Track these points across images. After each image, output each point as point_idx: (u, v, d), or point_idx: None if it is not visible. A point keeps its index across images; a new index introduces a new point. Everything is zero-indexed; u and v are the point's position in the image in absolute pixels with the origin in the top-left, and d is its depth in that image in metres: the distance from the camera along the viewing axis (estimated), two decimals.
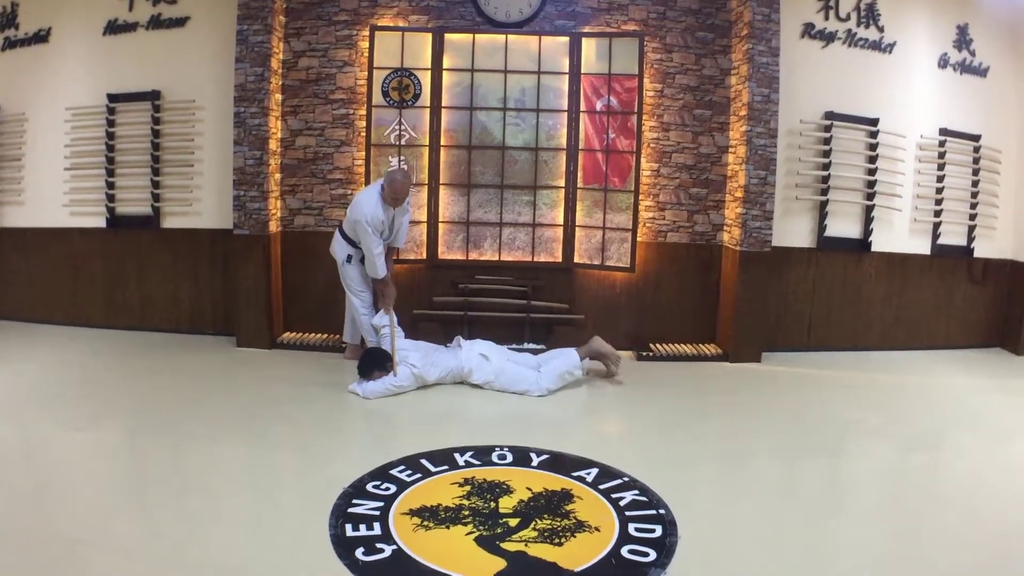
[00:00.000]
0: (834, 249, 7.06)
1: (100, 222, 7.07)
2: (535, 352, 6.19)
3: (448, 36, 6.73)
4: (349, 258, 6.09)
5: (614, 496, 3.87)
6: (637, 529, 3.50)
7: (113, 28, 6.92)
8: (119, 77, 6.93)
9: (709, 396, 5.85)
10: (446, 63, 6.75)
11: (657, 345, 6.91)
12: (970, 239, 7.38)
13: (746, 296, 6.63)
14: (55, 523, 3.40)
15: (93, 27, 6.95)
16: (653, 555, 3.27)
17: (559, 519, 3.58)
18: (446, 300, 6.86)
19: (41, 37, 7.07)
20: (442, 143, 6.79)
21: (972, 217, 7.33)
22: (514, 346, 6.43)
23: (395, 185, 5.80)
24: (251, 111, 6.48)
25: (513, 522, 3.54)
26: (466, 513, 3.61)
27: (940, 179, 7.19)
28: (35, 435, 4.59)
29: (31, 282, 7.27)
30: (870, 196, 7.00)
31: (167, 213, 7.02)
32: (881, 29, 7.00)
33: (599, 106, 6.78)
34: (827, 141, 6.87)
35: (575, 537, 3.41)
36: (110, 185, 6.98)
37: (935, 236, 7.27)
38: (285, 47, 6.74)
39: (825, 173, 6.88)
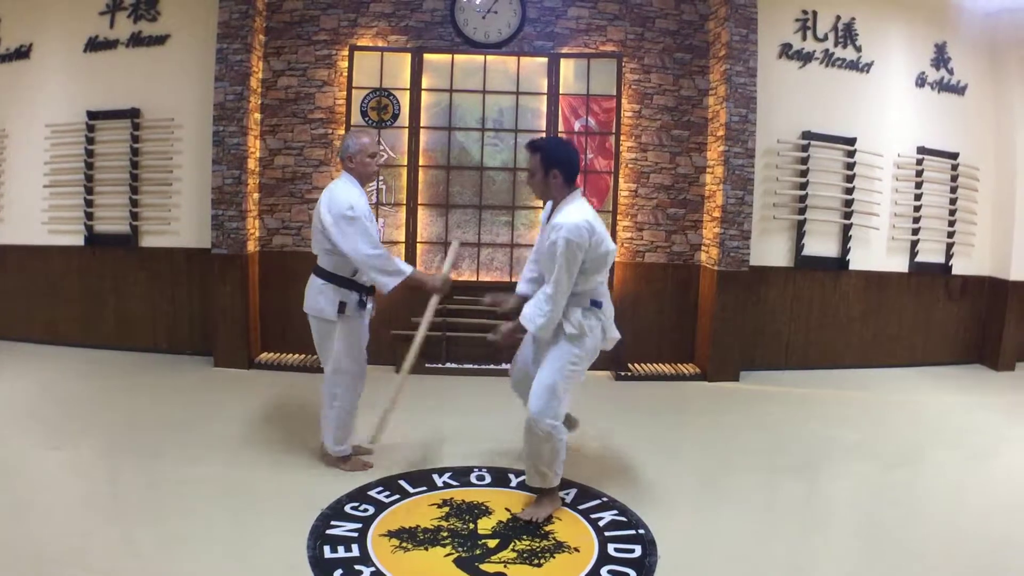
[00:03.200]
0: (812, 268, 7.10)
1: (78, 240, 7.02)
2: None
3: (427, 56, 6.76)
4: (343, 307, 4.20)
5: (593, 516, 3.86)
6: (617, 549, 3.50)
7: (94, 45, 6.90)
8: (99, 94, 6.91)
9: (687, 416, 5.87)
10: (425, 83, 6.77)
11: (635, 365, 6.92)
12: (948, 256, 7.45)
13: (724, 315, 6.66)
14: (30, 543, 3.35)
15: (74, 44, 6.92)
16: (633, 575, 3.26)
17: (538, 540, 3.57)
18: None
19: (22, 53, 7.05)
20: (420, 163, 6.80)
21: (950, 235, 7.41)
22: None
23: (361, 141, 4.25)
24: (230, 130, 6.47)
25: (492, 543, 3.52)
26: (445, 534, 3.59)
27: (918, 197, 7.27)
28: (11, 454, 4.51)
29: (8, 300, 7.20)
30: (848, 215, 7.06)
31: (145, 232, 6.97)
32: (859, 49, 7.08)
33: (577, 127, 6.80)
34: (804, 161, 6.92)
35: (554, 558, 3.40)
36: (88, 203, 6.94)
37: (913, 254, 7.34)
38: (264, 66, 6.75)
39: (803, 192, 6.93)
